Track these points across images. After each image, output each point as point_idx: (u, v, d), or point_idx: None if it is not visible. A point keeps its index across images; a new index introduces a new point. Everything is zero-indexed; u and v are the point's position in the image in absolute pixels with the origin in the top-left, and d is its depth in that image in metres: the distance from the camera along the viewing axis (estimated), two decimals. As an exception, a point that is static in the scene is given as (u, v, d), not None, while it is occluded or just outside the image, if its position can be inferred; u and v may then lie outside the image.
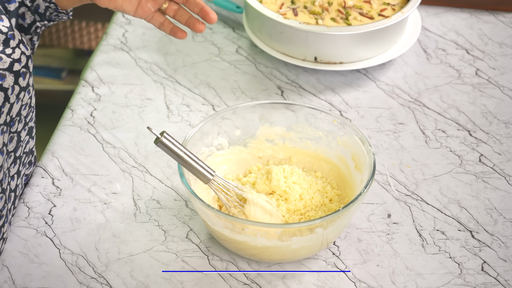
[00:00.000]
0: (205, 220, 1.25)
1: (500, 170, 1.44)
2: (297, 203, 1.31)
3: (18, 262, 1.28)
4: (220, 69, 1.71)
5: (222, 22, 1.86)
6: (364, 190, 1.21)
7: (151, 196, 1.40)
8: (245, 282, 1.25)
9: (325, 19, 1.64)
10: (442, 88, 1.65)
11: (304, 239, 1.20)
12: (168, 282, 1.25)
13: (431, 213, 1.36)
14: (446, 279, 1.25)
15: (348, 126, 1.34)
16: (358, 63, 1.65)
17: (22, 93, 1.25)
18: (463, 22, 1.84)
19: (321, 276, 1.26)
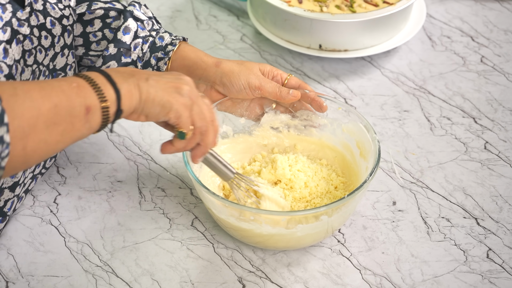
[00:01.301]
0: (210, 208, 1.25)
1: (505, 157, 1.44)
2: (302, 191, 1.31)
3: (24, 250, 1.29)
4: (225, 56, 1.71)
5: (226, 10, 1.85)
6: (369, 177, 1.21)
7: (156, 184, 1.40)
8: (250, 270, 1.25)
9: (330, 6, 1.64)
10: (447, 75, 1.64)
11: (309, 226, 1.20)
12: (173, 270, 1.25)
13: (436, 201, 1.36)
14: (451, 266, 1.25)
15: (353, 114, 1.33)
16: (363, 51, 1.65)
17: (66, 49, 1.28)
18: (468, 9, 1.83)
19: (326, 264, 1.26)
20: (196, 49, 1.32)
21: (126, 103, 1.04)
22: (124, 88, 1.04)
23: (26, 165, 0.97)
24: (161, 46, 1.32)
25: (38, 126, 0.95)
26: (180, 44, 1.33)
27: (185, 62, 1.31)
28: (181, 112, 1.10)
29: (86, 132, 1.02)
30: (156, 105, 1.08)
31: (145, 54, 1.32)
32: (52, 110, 0.97)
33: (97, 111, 1.01)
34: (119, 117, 1.05)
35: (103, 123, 1.03)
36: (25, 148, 0.94)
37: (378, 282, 1.23)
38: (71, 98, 0.99)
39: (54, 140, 0.98)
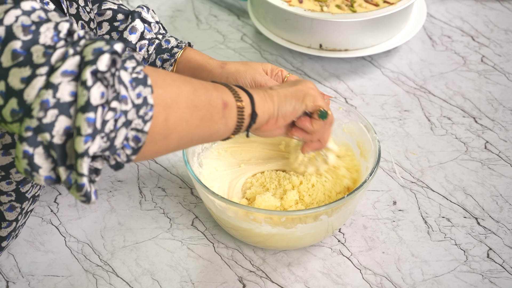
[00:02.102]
0: (210, 207, 1.25)
1: (506, 157, 1.44)
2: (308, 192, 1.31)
3: (24, 250, 1.29)
4: (225, 56, 1.71)
5: (226, 10, 1.86)
6: (369, 177, 1.21)
7: (156, 184, 1.40)
8: (251, 270, 1.25)
9: (330, 6, 1.64)
10: (447, 75, 1.64)
11: (308, 226, 1.20)
12: (174, 269, 1.25)
13: (437, 200, 1.36)
14: (451, 266, 1.25)
15: (353, 114, 1.33)
16: (363, 50, 1.65)
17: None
18: (468, 9, 1.83)
19: (327, 263, 1.26)
20: (201, 53, 1.33)
21: (260, 107, 1.07)
22: (255, 94, 1.08)
23: (166, 141, 0.95)
24: (167, 48, 1.33)
25: (180, 102, 0.95)
26: (185, 48, 1.33)
27: (191, 64, 1.31)
28: (315, 94, 1.14)
29: (223, 128, 1.03)
30: (289, 100, 1.11)
31: (151, 55, 1.33)
32: (192, 92, 0.97)
33: (233, 109, 1.03)
34: (254, 121, 1.07)
35: (238, 124, 1.05)
36: (167, 120, 0.93)
37: (378, 281, 1.23)
38: (209, 90, 1.01)
39: (194, 124, 0.97)
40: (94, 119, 0.84)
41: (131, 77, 0.89)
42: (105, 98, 0.85)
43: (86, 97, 0.84)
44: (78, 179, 0.86)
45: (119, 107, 0.87)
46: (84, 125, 0.84)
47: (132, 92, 0.89)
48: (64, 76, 0.84)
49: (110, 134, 0.87)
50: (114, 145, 0.89)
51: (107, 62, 0.85)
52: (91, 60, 0.85)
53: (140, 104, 0.89)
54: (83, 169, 0.85)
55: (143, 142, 0.91)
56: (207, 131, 1.01)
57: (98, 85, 0.85)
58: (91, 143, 0.85)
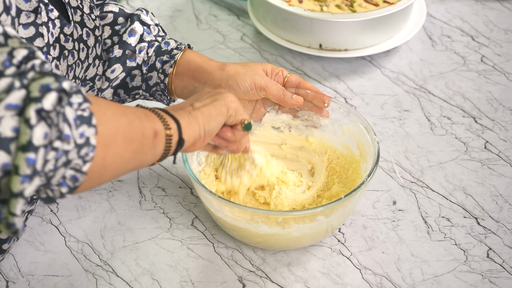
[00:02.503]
0: (208, 207, 1.25)
1: (506, 157, 1.44)
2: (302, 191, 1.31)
3: (24, 250, 1.29)
4: (225, 56, 1.71)
5: (226, 10, 1.85)
6: (367, 179, 1.21)
7: (156, 184, 1.40)
8: (251, 270, 1.25)
9: (330, 6, 1.64)
10: (447, 75, 1.64)
11: (306, 226, 1.20)
12: (174, 269, 1.25)
13: (437, 200, 1.36)
14: (451, 266, 1.25)
15: (353, 114, 1.33)
16: (363, 50, 1.65)
17: (97, 60, 1.28)
18: (468, 9, 1.83)
19: (327, 263, 1.26)
20: (201, 55, 1.33)
21: (186, 132, 1.05)
22: (181, 119, 1.05)
23: (100, 178, 0.93)
24: (167, 50, 1.33)
25: (118, 138, 0.93)
26: (185, 50, 1.33)
27: (191, 66, 1.31)
28: (237, 107, 1.12)
29: (151, 157, 1.01)
30: (214, 117, 1.09)
31: (150, 57, 1.33)
32: (128, 126, 0.95)
33: (162, 138, 1.01)
34: (181, 147, 1.05)
35: (165, 152, 1.03)
36: (105, 158, 0.91)
37: (378, 281, 1.23)
38: (142, 119, 0.99)
39: (128, 158, 0.96)
40: (35, 160, 0.81)
41: (75, 114, 0.86)
42: (48, 139, 0.82)
43: (28, 136, 0.80)
44: (9, 218, 0.83)
45: (61, 147, 0.84)
46: (23, 165, 0.80)
47: (76, 131, 0.86)
48: (8, 110, 0.80)
49: (48, 174, 0.84)
50: (50, 183, 0.86)
51: (53, 101, 0.82)
52: (37, 98, 0.81)
53: (82, 144, 0.87)
54: (16, 210, 0.82)
55: (80, 182, 0.89)
56: (137, 163, 0.99)
57: (42, 124, 0.81)
58: (28, 184, 0.81)
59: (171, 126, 1.03)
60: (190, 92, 1.30)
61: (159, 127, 1.01)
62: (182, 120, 1.05)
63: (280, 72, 1.33)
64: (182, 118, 1.05)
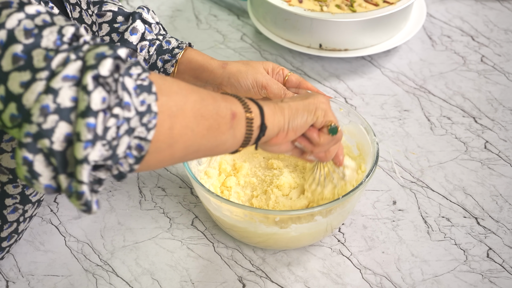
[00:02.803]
0: (208, 207, 1.25)
1: (506, 156, 1.44)
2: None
3: (24, 249, 1.29)
4: (225, 56, 1.71)
5: (226, 9, 1.86)
6: (365, 179, 1.21)
7: (156, 184, 1.40)
8: (251, 269, 1.25)
9: (330, 6, 1.64)
10: (447, 74, 1.64)
11: (304, 226, 1.20)
12: (174, 269, 1.25)
13: (437, 200, 1.36)
14: (451, 266, 1.25)
15: (353, 115, 1.33)
16: (363, 50, 1.65)
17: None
18: (468, 9, 1.83)
19: (327, 263, 1.26)
20: (202, 53, 1.33)
21: (270, 119, 1.05)
22: (266, 106, 1.05)
23: (170, 150, 0.92)
24: (168, 49, 1.33)
25: (186, 111, 0.93)
26: (186, 48, 1.33)
27: (192, 65, 1.31)
28: (326, 108, 1.12)
29: (231, 139, 1.01)
30: (301, 113, 1.09)
31: (152, 56, 1.33)
32: (199, 102, 0.95)
33: (242, 120, 1.01)
34: (263, 134, 1.04)
35: (247, 136, 1.02)
36: (172, 128, 0.91)
37: (378, 281, 1.23)
38: (217, 100, 0.99)
39: (200, 133, 0.95)
40: (95, 124, 0.82)
41: (135, 83, 0.87)
42: (106, 104, 0.83)
43: (86, 102, 0.82)
44: (78, 187, 0.83)
45: (122, 114, 0.85)
46: (84, 130, 0.81)
47: (136, 99, 0.87)
48: (65, 81, 0.82)
49: (112, 142, 0.85)
50: (116, 153, 0.86)
51: (109, 67, 0.83)
52: (93, 65, 0.83)
53: (144, 111, 0.87)
54: (82, 176, 0.83)
55: (146, 151, 0.89)
56: (214, 142, 0.98)
57: (100, 90, 0.82)
58: (91, 149, 0.82)
59: (253, 110, 1.03)
60: None
61: (238, 109, 1.01)
62: (266, 107, 1.05)
63: (280, 71, 1.33)
64: (267, 106, 1.05)
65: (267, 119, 1.04)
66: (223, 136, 0.99)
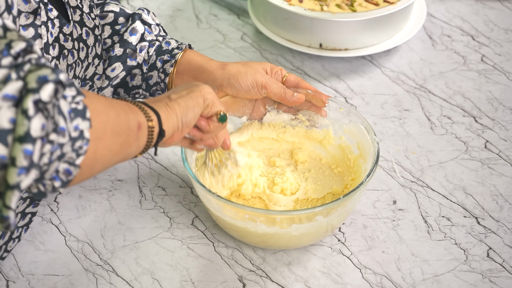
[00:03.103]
0: (208, 206, 1.25)
1: (506, 156, 1.44)
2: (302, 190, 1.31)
3: (24, 249, 1.29)
4: (225, 56, 1.71)
5: (227, 9, 1.85)
6: (366, 179, 1.21)
7: (156, 183, 1.40)
8: (251, 269, 1.25)
9: (330, 5, 1.64)
10: (447, 74, 1.64)
11: (304, 226, 1.20)
12: (174, 269, 1.25)
13: (437, 200, 1.36)
14: (451, 266, 1.25)
15: (353, 114, 1.33)
16: (363, 50, 1.65)
17: (96, 59, 1.29)
18: (468, 8, 1.83)
19: (327, 263, 1.26)
20: (201, 54, 1.33)
21: (166, 123, 1.05)
22: (160, 110, 1.05)
23: (91, 171, 0.93)
24: (168, 50, 1.33)
25: (107, 131, 0.93)
26: (186, 49, 1.33)
27: (191, 65, 1.31)
28: (213, 98, 1.12)
29: (135, 150, 1.02)
30: (191, 108, 1.09)
31: (151, 57, 1.33)
32: (116, 118, 0.96)
33: (145, 130, 1.02)
34: (161, 138, 1.05)
35: (147, 144, 1.03)
36: (96, 151, 0.91)
37: (378, 281, 1.23)
38: (127, 112, 0.99)
39: (115, 150, 0.96)
40: (32, 151, 0.80)
41: (70, 107, 0.85)
42: (45, 131, 0.81)
43: (26, 127, 0.79)
44: (4, 211, 0.81)
45: (57, 140, 0.83)
46: (20, 156, 0.79)
47: (70, 124, 0.85)
48: (5, 101, 0.79)
49: (43, 167, 0.83)
50: (44, 177, 0.85)
51: (50, 93, 0.81)
52: (34, 89, 0.80)
53: (77, 137, 0.86)
54: (11, 203, 0.81)
55: (73, 175, 0.88)
56: (122, 155, 0.99)
57: (39, 116, 0.80)
58: (24, 177, 0.81)
59: (152, 118, 1.03)
60: None
61: (142, 119, 1.01)
62: (161, 111, 1.05)
63: (279, 71, 1.33)
64: (161, 110, 1.05)
65: (164, 123, 1.05)
66: (130, 148, 1.00)
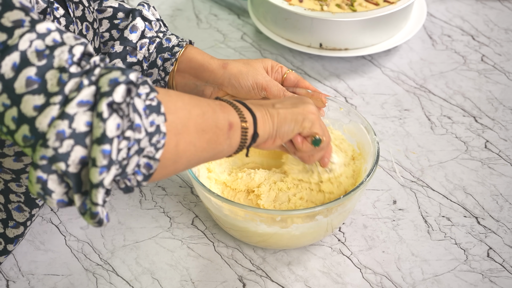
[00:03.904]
0: (208, 206, 1.25)
1: (506, 156, 1.44)
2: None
3: (24, 249, 1.29)
4: (225, 55, 1.71)
5: (227, 9, 1.85)
6: (366, 179, 1.21)
7: (156, 183, 1.40)
8: (251, 269, 1.25)
9: (330, 5, 1.64)
10: (447, 74, 1.64)
11: (305, 226, 1.20)
12: (174, 268, 1.25)
13: (437, 200, 1.36)
14: (451, 265, 1.25)
15: (353, 114, 1.33)
16: (364, 49, 1.65)
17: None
18: (468, 8, 1.83)
19: (327, 263, 1.26)
20: (202, 52, 1.33)
21: (261, 127, 1.08)
22: (258, 113, 1.08)
23: (175, 165, 0.96)
24: (168, 47, 1.32)
25: (189, 127, 0.96)
26: (187, 46, 1.33)
27: (192, 64, 1.31)
28: (314, 120, 1.15)
29: (226, 149, 1.04)
30: (289, 122, 1.12)
31: (151, 54, 1.32)
32: (201, 116, 0.98)
33: (238, 130, 1.04)
34: (255, 141, 1.07)
35: (240, 145, 1.06)
36: (178, 145, 0.94)
37: (378, 281, 1.23)
38: (216, 111, 1.02)
39: (201, 147, 0.98)
40: (110, 151, 0.85)
41: (144, 104, 0.90)
42: (120, 130, 0.86)
43: (102, 129, 0.84)
44: (93, 208, 0.87)
45: (133, 136, 0.88)
46: (100, 157, 0.84)
47: (146, 120, 0.89)
48: (80, 107, 0.85)
49: (122, 162, 0.88)
50: (125, 171, 0.89)
51: (123, 94, 0.86)
52: (107, 92, 0.85)
53: (153, 132, 0.90)
54: (98, 199, 0.86)
55: (154, 169, 0.92)
56: (212, 153, 1.02)
57: (114, 116, 0.85)
58: (106, 174, 0.85)
59: (247, 119, 1.06)
60: (192, 89, 1.31)
61: (235, 119, 1.04)
62: (258, 114, 1.08)
63: (279, 69, 1.33)
64: (259, 113, 1.08)
65: (259, 127, 1.08)
66: (221, 146, 1.02)
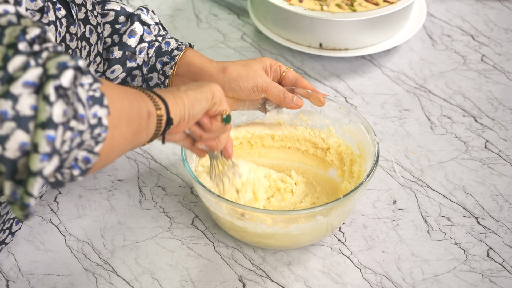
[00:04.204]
0: (208, 206, 1.25)
1: (506, 156, 1.44)
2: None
3: (24, 249, 1.29)
4: (225, 55, 1.71)
5: (227, 9, 1.85)
6: (366, 179, 1.21)
7: (156, 183, 1.40)
8: (251, 269, 1.25)
9: (330, 5, 1.64)
10: (447, 74, 1.64)
11: (304, 226, 1.20)
12: (174, 268, 1.25)
13: (437, 200, 1.36)
14: (451, 265, 1.25)
15: (353, 114, 1.33)
16: (363, 49, 1.65)
17: (98, 57, 1.29)
18: (468, 8, 1.83)
19: (327, 263, 1.26)
20: (201, 55, 1.32)
21: (173, 111, 1.04)
22: (168, 99, 1.05)
23: (107, 159, 0.92)
24: (167, 51, 1.32)
25: (122, 119, 0.93)
26: (186, 50, 1.33)
27: (191, 68, 1.31)
28: (221, 97, 1.12)
29: (144, 138, 1.01)
30: (200, 101, 1.09)
31: (151, 58, 1.32)
32: (129, 106, 0.95)
33: (154, 118, 1.02)
34: (169, 127, 1.05)
35: (155, 133, 1.03)
36: (113, 139, 0.91)
37: (378, 281, 1.23)
38: (138, 100, 0.99)
39: (129, 138, 0.95)
40: (54, 137, 0.80)
41: (87, 94, 0.86)
42: (66, 117, 0.81)
43: (48, 113, 0.79)
44: (25, 198, 0.81)
45: (77, 127, 0.83)
46: (43, 142, 0.79)
47: (89, 111, 0.85)
48: (25, 87, 0.80)
49: (63, 155, 0.83)
50: (63, 165, 0.85)
51: (70, 78, 0.82)
52: (55, 75, 0.81)
53: (95, 124, 0.86)
54: (33, 190, 0.81)
55: (93, 163, 0.88)
56: (134, 144, 0.99)
57: (61, 102, 0.81)
58: (47, 163, 0.80)
59: (161, 106, 1.03)
60: None
61: (151, 107, 1.01)
62: (168, 100, 1.04)
63: (278, 68, 1.33)
64: (168, 98, 1.05)
65: (171, 111, 1.04)
66: (141, 137, 1.00)
